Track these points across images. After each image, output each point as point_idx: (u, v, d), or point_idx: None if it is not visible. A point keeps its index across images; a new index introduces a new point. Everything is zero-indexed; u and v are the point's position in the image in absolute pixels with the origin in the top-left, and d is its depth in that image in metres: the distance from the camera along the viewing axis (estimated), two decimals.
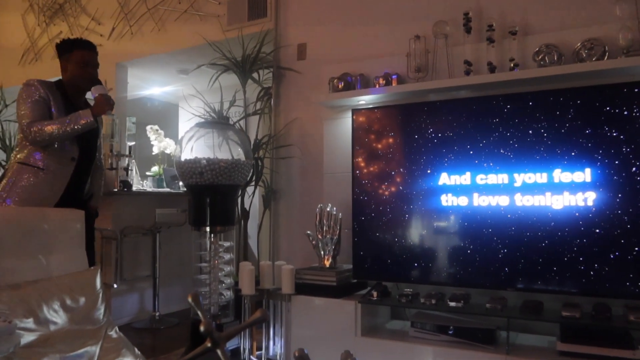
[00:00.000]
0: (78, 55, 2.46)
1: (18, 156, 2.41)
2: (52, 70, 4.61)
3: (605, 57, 2.34)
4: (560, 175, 2.28)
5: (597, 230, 2.21)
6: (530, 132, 2.35)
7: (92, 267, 1.90)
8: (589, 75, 2.37)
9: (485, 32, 2.64)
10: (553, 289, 2.29)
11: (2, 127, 4.81)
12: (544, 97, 2.34)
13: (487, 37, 2.63)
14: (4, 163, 4.77)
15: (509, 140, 2.39)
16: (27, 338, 1.46)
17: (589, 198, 2.23)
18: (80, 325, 1.65)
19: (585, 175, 2.24)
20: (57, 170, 2.40)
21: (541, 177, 2.32)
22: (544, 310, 2.27)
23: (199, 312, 0.99)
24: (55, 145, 2.39)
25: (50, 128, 2.30)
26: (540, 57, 2.48)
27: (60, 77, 2.55)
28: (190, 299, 0.99)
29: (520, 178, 2.36)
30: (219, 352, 0.94)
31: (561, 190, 2.28)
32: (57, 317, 1.59)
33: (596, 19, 2.47)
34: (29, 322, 1.50)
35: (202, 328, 0.92)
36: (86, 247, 2.49)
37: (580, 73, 2.36)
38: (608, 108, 2.21)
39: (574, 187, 2.26)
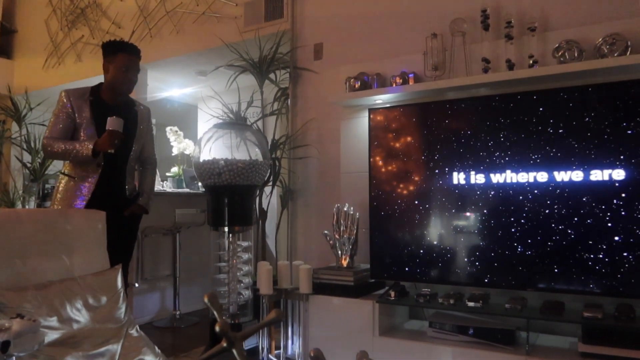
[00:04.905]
0: (120, 60, 2.54)
1: (62, 168, 2.63)
2: (75, 74, 4.72)
3: (628, 53, 2.29)
4: (583, 173, 2.24)
5: (620, 229, 2.16)
6: (550, 130, 2.31)
7: (113, 267, 1.94)
8: (611, 72, 2.32)
9: (504, 28, 2.60)
10: (574, 289, 2.25)
11: (27, 130, 4.94)
12: (564, 94, 2.30)
13: (506, 34, 2.59)
14: (29, 165, 4.90)
15: (528, 138, 2.36)
16: (51, 336, 1.50)
17: (612, 197, 2.18)
18: (102, 324, 1.68)
19: (607, 172, 2.19)
20: (84, 177, 2.54)
21: (562, 176, 2.28)
22: (565, 310, 2.23)
23: (215, 312, 1.00)
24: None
25: (53, 149, 2.49)
26: (560, 53, 2.44)
27: (101, 82, 2.64)
28: (206, 299, 1.01)
29: (540, 177, 2.33)
30: (234, 352, 0.96)
31: (583, 189, 2.23)
32: (79, 316, 1.63)
33: (618, 13, 2.42)
34: (53, 321, 1.54)
35: (217, 328, 0.93)
36: (125, 247, 2.61)
37: (601, 69, 2.30)
38: (631, 104, 2.16)
39: (596, 186, 2.21)
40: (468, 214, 2.50)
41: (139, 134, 2.67)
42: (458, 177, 2.52)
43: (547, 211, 2.30)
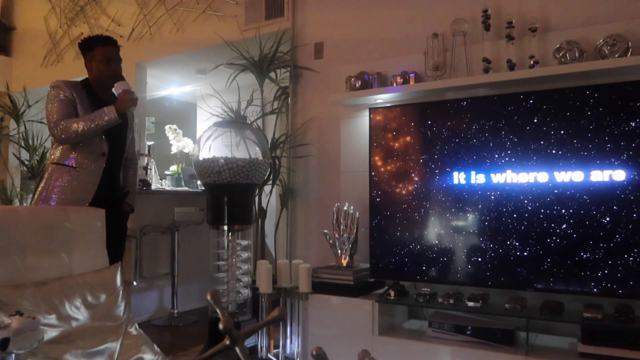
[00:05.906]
0: (99, 53, 2.50)
1: (52, 157, 2.48)
2: (73, 71, 4.69)
3: (629, 54, 2.29)
4: (583, 173, 2.24)
5: (620, 230, 2.16)
6: (551, 131, 2.31)
7: (112, 265, 1.93)
8: (612, 73, 2.32)
9: (505, 29, 2.60)
10: (574, 289, 2.25)
11: (25, 127, 4.92)
12: (564, 94, 2.30)
13: (507, 34, 2.59)
14: (26, 162, 4.88)
15: (529, 138, 2.36)
16: (50, 334, 1.50)
17: (612, 198, 2.18)
18: (101, 322, 1.68)
19: (607, 173, 2.20)
20: (89, 167, 2.46)
21: (562, 176, 2.28)
22: (564, 311, 2.23)
23: (218, 310, 1.00)
24: (83, 143, 2.45)
25: (76, 125, 2.37)
26: (561, 54, 2.44)
27: (87, 76, 2.60)
28: (209, 297, 1.00)
29: (541, 177, 2.33)
30: (237, 349, 0.95)
31: (583, 190, 2.24)
32: (78, 313, 1.62)
33: (619, 14, 2.42)
34: (52, 319, 1.53)
35: (221, 326, 0.93)
36: (117, 245, 2.57)
37: (602, 70, 2.31)
38: (632, 105, 2.16)
39: (596, 187, 2.22)
40: (468, 213, 2.50)
41: (129, 131, 2.66)
42: (458, 177, 2.52)
43: (547, 211, 2.31)
